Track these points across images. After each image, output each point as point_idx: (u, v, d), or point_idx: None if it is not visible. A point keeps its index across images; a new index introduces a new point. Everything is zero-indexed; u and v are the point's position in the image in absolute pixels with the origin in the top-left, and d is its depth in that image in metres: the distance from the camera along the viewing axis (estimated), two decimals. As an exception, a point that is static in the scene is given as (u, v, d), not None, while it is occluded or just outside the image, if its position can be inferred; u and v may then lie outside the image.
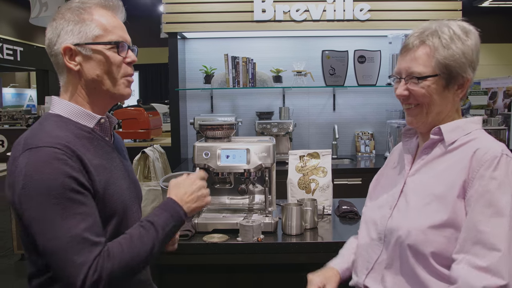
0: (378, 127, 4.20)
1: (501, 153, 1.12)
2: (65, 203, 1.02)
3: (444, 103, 1.23)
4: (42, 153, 1.03)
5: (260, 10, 3.73)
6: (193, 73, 4.12)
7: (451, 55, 1.18)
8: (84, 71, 1.17)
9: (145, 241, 1.12)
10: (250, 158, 1.84)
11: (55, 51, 1.17)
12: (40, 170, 1.02)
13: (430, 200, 1.17)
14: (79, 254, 1.01)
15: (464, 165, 1.14)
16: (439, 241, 1.12)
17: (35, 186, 1.01)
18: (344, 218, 2.09)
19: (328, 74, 3.88)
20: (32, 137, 1.08)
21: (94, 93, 1.20)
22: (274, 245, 1.77)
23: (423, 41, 1.21)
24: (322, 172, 2.16)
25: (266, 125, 3.73)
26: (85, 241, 1.03)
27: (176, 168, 3.71)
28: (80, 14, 1.16)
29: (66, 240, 1.01)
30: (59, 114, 1.18)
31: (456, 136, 1.22)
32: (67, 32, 1.15)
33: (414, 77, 1.22)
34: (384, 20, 3.74)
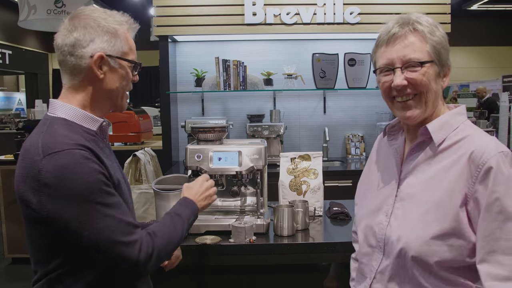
0: (368, 130, 4.24)
1: (497, 153, 1.06)
2: (103, 196, 1.11)
3: (437, 92, 1.20)
4: (70, 155, 1.08)
5: (250, 13, 3.75)
6: (184, 76, 4.13)
7: (438, 41, 1.17)
8: (106, 81, 1.23)
9: (178, 228, 1.31)
10: (242, 160, 1.85)
11: (82, 53, 1.19)
12: (73, 171, 1.07)
13: (427, 207, 1.13)
14: (129, 235, 1.14)
15: (461, 170, 1.10)
16: (443, 250, 1.08)
17: (71, 186, 1.07)
18: (335, 220, 2.11)
19: (319, 77, 3.91)
20: (50, 141, 1.11)
21: (103, 101, 1.27)
22: (266, 246, 1.78)
23: (414, 28, 1.17)
24: (313, 174, 2.18)
25: (257, 127, 3.74)
26: (129, 224, 1.16)
27: (167, 171, 3.70)
28: (115, 29, 1.23)
29: (114, 227, 1.11)
30: (64, 117, 1.20)
31: (444, 134, 1.17)
32: (104, 41, 1.20)
33: (412, 64, 1.16)
34: (374, 23, 3.78)
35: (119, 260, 1.14)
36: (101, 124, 1.26)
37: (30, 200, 1.09)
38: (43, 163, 1.07)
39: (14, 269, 4.24)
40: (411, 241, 1.12)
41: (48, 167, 1.07)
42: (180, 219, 1.34)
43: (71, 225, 1.08)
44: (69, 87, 1.24)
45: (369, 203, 1.32)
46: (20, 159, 1.14)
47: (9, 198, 4.18)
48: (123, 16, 1.28)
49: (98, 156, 1.15)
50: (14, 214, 4.19)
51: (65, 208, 1.07)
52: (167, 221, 1.31)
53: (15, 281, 3.96)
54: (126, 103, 1.33)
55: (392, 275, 1.19)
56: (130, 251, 1.13)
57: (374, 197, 1.31)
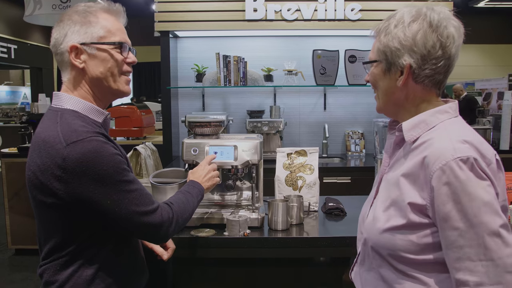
0: (368, 127, 4.24)
1: (449, 160, 1.03)
2: (125, 173, 1.20)
3: (390, 91, 1.20)
4: (93, 142, 1.15)
5: (251, 9, 3.77)
6: (185, 72, 4.15)
7: (387, 41, 1.16)
8: (89, 69, 1.26)
9: (189, 201, 1.48)
10: (237, 155, 1.88)
11: (61, 49, 1.25)
12: (98, 155, 1.14)
13: (388, 204, 1.16)
14: (151, 204, 1.26)
15: (417, 173, 1.10)
16: (394, 244, 1.12)
17: (98, 170, 1.14)
18: (330, 215, 2.13)
19: (319, 73, 3.92)
20: (70, 130, 1.16)
21: (97, 90, 1.29)
22: (260, 240, 1.81)
23: (377, 30, 1.22)
24: (309, 169, 2.20)
25: (257, 123, 3.76)
26: (149, 195, 1.28)
27: (167, 165, 3.73)
28: (86, 17, 1.25)
29: (139, 200, 1.22)
30: (73, 109, 1.25)
31: (417, 133, 1.16)
32: (74, 32, 1.24)
33: (366, 63, 1.26)
34: (375, 20, 3.77)
35: (145, 229, 1.25)
36: (106, 116, 1.31)
37: (54, 188, 1.14)
38: (68, 151, 1.12)
39: (18, 260, 4.29)
40: (371, 233, 1.20)
41: (73, 154, 1.12)
42: (190, 195, 1.51)
43: (101, 205, 1.17)
44: (66, 83, 1.29)
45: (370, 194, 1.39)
46: (36, 150, 1.17)
47: (13, 190, 4.23)
48: (99, 3, 1.30)
49: (112, 140, 1.24)
50: (17, 205, 4.24)
51: (94, 190, 1.15)
52: (180, 195, 1.49)
53: (18, 271, 4.01)
54: (126, 87, 1.34)
55: (362, 261, 1.29)
56: (154, 218, 1.25)
57: (372, 188, 1.38)
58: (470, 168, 1.01)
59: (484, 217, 1.00)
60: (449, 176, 1.02)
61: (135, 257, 1.41)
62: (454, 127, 1.13)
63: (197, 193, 1.56)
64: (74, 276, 1.23)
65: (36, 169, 1.16)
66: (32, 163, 1.18)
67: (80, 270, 1.23)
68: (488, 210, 1.00)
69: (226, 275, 1.89)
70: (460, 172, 1.01)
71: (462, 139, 1.06)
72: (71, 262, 1.23)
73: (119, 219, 1.20)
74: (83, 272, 1.23)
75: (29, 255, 4.30)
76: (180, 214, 1.38)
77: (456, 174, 1.01)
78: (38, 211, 1.24)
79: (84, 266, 1.23)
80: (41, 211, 1.22)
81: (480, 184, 1.01)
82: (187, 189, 1.55)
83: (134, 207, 1.21)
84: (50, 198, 1.16)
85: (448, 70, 1.16)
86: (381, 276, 1.19)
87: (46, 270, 1.24)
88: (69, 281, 1.22)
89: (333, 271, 1.89)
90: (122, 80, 1.31)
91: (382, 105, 1.25)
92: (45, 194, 1.16)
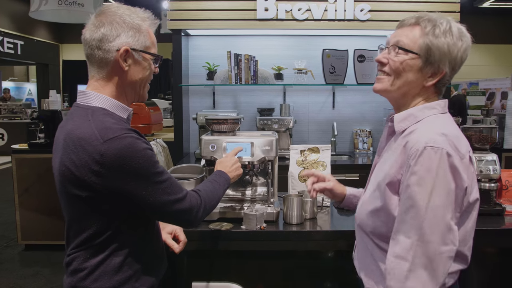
0: (376, 125, 4.31)
1: (424, 147, 1.14)
2: (156, 166, 1.28)
3: (412, 85, 1.29)
4: (128, 138, 1.22)
5: (262, 8, 3.83)
6: (196, 70, 4.21)
7: (437, 43, 1.24)
8: (130, 73, 1.34)
9: (216, 189, 1.56)
10: (254, 151, 1.94)
11: (109, 47, 1.29)
12: (133, 151, 1.22)
13: (374, 187, 1.31)
14: (181, 191, 1.35)
15: (397, 158, 1.23)
16: (375, 223, 1.29)
17: (134, 165, 1.21)
18: (341, 210, 2.18)
19: (328, 72, 3.98)
20: (103, 128, 1.22)
21: (129, 91, 1.38)
22: (276, 233, 1.87)
23: (418, 23, 1.28)
24: (321, 166, 2.26)
25: (267, 121, 3.82)
26: (178, 183, 1.36)
27: (179, 161, 3.80)
28: (138, 24, 1.33)
29: (170, 188, 1.31)
30: (102, 107, 1.31)
31: (405, 125, 1.28)
32: (128, 36, 1.31)
33: (397, 47, 1.28)
34: (383, 20, 3.83)
35: (177, 215, 1.34)
36: (129, 113, 1.38)
37: (91, 182, 1.21)
38: (105, 147, 1.19)
39: (28, 255, 4.36)
40: (359, 213, 1.38)
41: (111, 150, 1.19)
42: (217, 184, 1.59)
43: (137, 196, 1.25)
44: (98, 79, 1.34)
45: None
46: (71, 146, 1.23)
47: (23, 186, 4.30)
48: (145, 12, 1.38)
49: (142, 136, 1.30)
50: (27, 201, 4.31)
51: (131, 183, 1.22)
52: (207, 183, 1.57)
53: (29, 266, 4.08)
54: (147, 94, 1.45)
55: (357, 243, 1.46)
56: (184, 204, 1.34)
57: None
58: (439, 157, 1.13)
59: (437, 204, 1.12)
60: (417, 161, 1.14)
61: (158, 244, 1.49)
62: (437, 121, 1.25)
63: (223, 182, 1.64)
64: (104, 263, 1.29)
65: (71, 165, 1.22)
66: (66, 159, 1.23)
67: (109, 258, 1.29)
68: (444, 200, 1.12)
69: (243, 268, 1.95)
70: (430, 159, 1.13)
71: (441, 132, 1.17)
72: (101, 250, 1.29)
73: (154, 207, 1.29)
74: (112, 260, 1.30)
75: (39, 250, 4.37)
76: (208, 201, 1.46)
77: (422, 160, 1.14)
78: (71, 204, 1.30)
79: (113, 254, 1.30)
80: (74, 204, 1.28)
81: (445, 175, 1.12)
82: (214, 178, 1.63)
83: (166, 196, 1.29)
84: (86, 192, 1.23)
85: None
86: (370, 253, 1.34)
87: (76, 258, 1.31)
88: (98, 269, 1.29)
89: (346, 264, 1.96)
90: (147, 88, 1.43)
91: (392, 88, 1.31)
92: (81, 188, 1.23)
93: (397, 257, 1.15)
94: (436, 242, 1.11)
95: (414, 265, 1.12)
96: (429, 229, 1.11)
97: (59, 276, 3.85)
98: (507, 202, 2.05)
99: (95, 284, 1.29)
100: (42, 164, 4.27)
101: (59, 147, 1.28)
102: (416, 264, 1.11)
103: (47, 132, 4.32)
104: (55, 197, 4.85)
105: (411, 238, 1.13)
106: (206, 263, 1.92)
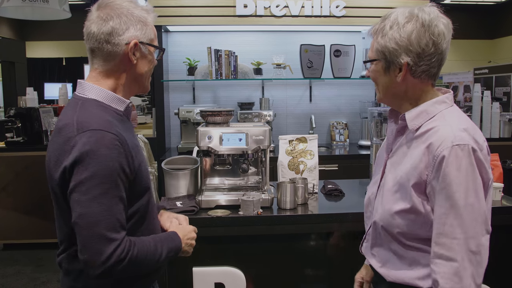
0: (351, 117, 4.48)
1: (451, 146, 1.16)
2: (113, 186, 1.17)
3: (391, 86, 1.33)
4: (106, 137, 1.18)
5: (242, 5, 3.91)
6: (176, 65, 4.26)
7: (384, 42, 1.30)
8: (138, 66, 1.34)
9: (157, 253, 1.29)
10: (248, 141, 2.03)
11: (119, 40, 1.29)
12: (101, 150, 1.16)
13: (397, 188, 1.29)
14: (112, 230, 1.16)
15: (421, 158, 1.23)
16: (403, 223, 1.27)
17: (93, 162, 1.15)
18: (330, 196, 2.32)
19: (306, 67, 4.11)
20: (85, 120, 1.20)
21: (133, 84, 1.37)
22: (271, 218, 1.98)
23: (374, 31, 1.35)
24: (309, 154, 2.38)
25: (247, 115, 3.92)
26: (118, 221, 1.18)
27: (161, 157, 3.84)
28: (144, 17, 1.33)
29: (106, 218, 1.15)
30: (95, 98, 1.29)
31: (419, 122, 1.29)
32: (137, 30, 1.31)
33: (367, 62, 1.38)
34: (358, 16, 3.99)
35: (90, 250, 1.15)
36: (128, 105, 1.36)
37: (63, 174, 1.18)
38: (77, 138, 1.16)
39: (7, 254, 4.29)
40: (382, 214, 1.34)
41: (83, 141, 1.15)
42: (162, 247, 1.32)
43: (74, 195, 1.16)
44: (101, 71, 1.32)
45: (373, 176, 1.54)
46: (53, 139, 1.23)
47: (0, 185, 4.24)
48: (146, 5, 1.39)
49: (126, 142, 1.23)
50: (5, 200, 4.26)
51: (79, 181, 1.15)
52: (151, 242, 1.29)
53: (10, 266, 4.03)
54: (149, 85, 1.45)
55: (373, 238, 1.43)
56: (103, 248, 1.14)
57: (376, 171, 1.52)
58: (467, 154, 1.16)
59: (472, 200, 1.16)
60: (448, 158, 1.16)
61: None
62: (453, 116, 1.27)
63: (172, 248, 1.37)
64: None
65: (53, 155, 1.21)
66: (50, 149, 1.23)
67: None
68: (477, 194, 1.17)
69: (241, 252, 2.05)
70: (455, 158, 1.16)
71: (462, 128, 1.20)
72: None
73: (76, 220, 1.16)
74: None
75: (18, 249, 4.33)
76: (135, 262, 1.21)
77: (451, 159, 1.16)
78: (55, 199, 1.27)
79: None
80: (58, 199, 1.25)
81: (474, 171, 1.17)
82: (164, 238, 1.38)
83: (97, 219, 1.14)
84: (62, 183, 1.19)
85: (441, 64, 1.30)
86: (390, 249, 1.36)
87: (63, 260, 1.29)
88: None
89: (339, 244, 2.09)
90: (149, 79, 1.43)
91: (383, 97, 1.39)
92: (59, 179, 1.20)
93: (447, 259, 1.18)
94: (479, 236, 1.17)
95: (464, 263, 1.16)
96: (471, 226, 1.16)
97: (41, 273, 3.83)
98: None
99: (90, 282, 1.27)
100: (20, 162, 4.23)
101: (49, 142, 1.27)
102: (466, 262, 1.16)
103: (24, 130, 4.26)
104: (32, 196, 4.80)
105: (456, 239, 1.17)
106: (206, 248, 2.00)
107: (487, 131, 4.26)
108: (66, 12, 4.51)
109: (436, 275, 1.19)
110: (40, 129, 4.22)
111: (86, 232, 1.14)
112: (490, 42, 12.72)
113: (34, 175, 4.22)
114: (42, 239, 4.30)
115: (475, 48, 12.66)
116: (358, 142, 4.32)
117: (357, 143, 4.33)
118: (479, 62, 11.68)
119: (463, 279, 1.16)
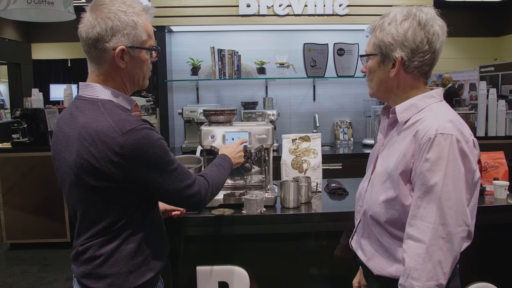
0: (355, 116, 4.47)
1: (434, 134, 1.20)
2: (169, 154, 1.34)
3: (386, 79, 1.37)
4: (145, 130, 1.28)
5: (245, 5, 3.92)
6: (179, 65, 4.28)
7: (382, 36, 1.34)
8: (128, 68, 1.36)
9: (222, 172, 1.65)
10: (252, 140, 2.04)
11: (105, 46, 1.30)
12: (150, 141, 1.28)
13: (386, 177, 1.33)
14: (190, 176, 1.42)
15: (408, 147, 1.27)
16: (391, 212, 1.31)
17: (151, 154, 1.28)
18: (333, 195, 2.32)
19: (309, 66, 4.11)
20: (121, 120, 1.27)
21: (129, 84, 1.41)
22: (275, 217, 1.98)
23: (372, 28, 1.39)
24: (313, 153, 2.38)
25: (251, 114, 3.92)
26: (187, 170, 1.43)
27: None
28: (133, 20, 1.32)
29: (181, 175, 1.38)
30: (110, 99, 1.34)
31: (408, 115, 1.33)
32: (124, 35, 1.30)
33: (362, 56, 1.44)
34: (361, 15, 3.99)
35: (187, 199, 1.42)
36: (133, 104, 1.42)
37: (111, 173, 1.25)
38: (124, 139, 1.24)
39: (14, 254, 4.34)
40: (371, 204, 1.39)
41: (130, 142, 1.24)
42: (222, 168, 1.68)
43: (153, 183, 1.32)
44: (98, 74, 1.35)
45: (366, 170, 1.57)
46: (88, 140, 1.25)
47: (7, 185, 4.28)
48: (140, 4, 1.37)
49: (153, 126, 1.34)
50: (12, 200, 4.30)
51: (148, 171, 1.29)
52: (213, 167, 1.65)
53: (17, 265, 4.07)
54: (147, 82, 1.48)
55: (362, 230, 1.48)
56: (193, 189, 1.42)
57: (368, 166, 1.56)
58: (449, 143, 1.19)
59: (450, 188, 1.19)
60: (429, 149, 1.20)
61: (163, 228, 1.56)
62: (440, 109, 1.31)
63: (228, 167, 1.72)
64: (119, 249, 1.34)
65: (90, 157, 1.25)
66: (84, 152, 1.26)
67: (124, 244, 1.35)
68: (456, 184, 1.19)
69: (244, 251, 2.05)
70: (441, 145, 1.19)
71: (448, 119, 1.24)
72: (116, 237, 1.34)
73: (167, 194, 1.37)
74: (127, 245, 1.35)
75: (24, 249, 4.37)
76: (214, 184, 1.54)
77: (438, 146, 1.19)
78: (87, 197, 1.32)
79: (127, 239, 1.35)
80: (92, 196, 1.31)
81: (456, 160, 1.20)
82: (219, 162, 1.71)
83: (179, 182, 1.37)
84: (105, 182, 1.27)
85: (433, 62, 1.35)
86: (379, 241, 1.39)
87: (91, 246, 1.34)
88: (114, 255, 1.34)
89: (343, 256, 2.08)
90: (147, 77, 1.45)
91: (375, 91, 1.44)
92: (100, 179, 1.26)
93: (416, 240, 1.21)
94: (452, 225, 1.19)
95: (432, 246, 1.19)
96: (444, 213, 1.18)
97: (48, 273, 3.87)
98: (486, 182, 2.21)
99: (112, 270, 1.34)
100: (26, 162, 4.26)
101: (72, 141, 1.29)
102: (434, 245, 1.19)
103: (30, 130, 4.30)
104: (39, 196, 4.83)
105: (428, 222, 1.20)
106: (210, 247, 2.01)
107: (493, 129, 4.23)
108: (70, 13, 4.54)
109: (404, 253, 1.24)
110: (45, 130, 4.26)
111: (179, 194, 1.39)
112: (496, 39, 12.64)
113: (40, 176, 4.26)
114: (48, 238, 4.35)
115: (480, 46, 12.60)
116: (362, 141, 4.32)
117: (361, 142, 4.33)
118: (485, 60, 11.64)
119: (426, 262, 1.19)
